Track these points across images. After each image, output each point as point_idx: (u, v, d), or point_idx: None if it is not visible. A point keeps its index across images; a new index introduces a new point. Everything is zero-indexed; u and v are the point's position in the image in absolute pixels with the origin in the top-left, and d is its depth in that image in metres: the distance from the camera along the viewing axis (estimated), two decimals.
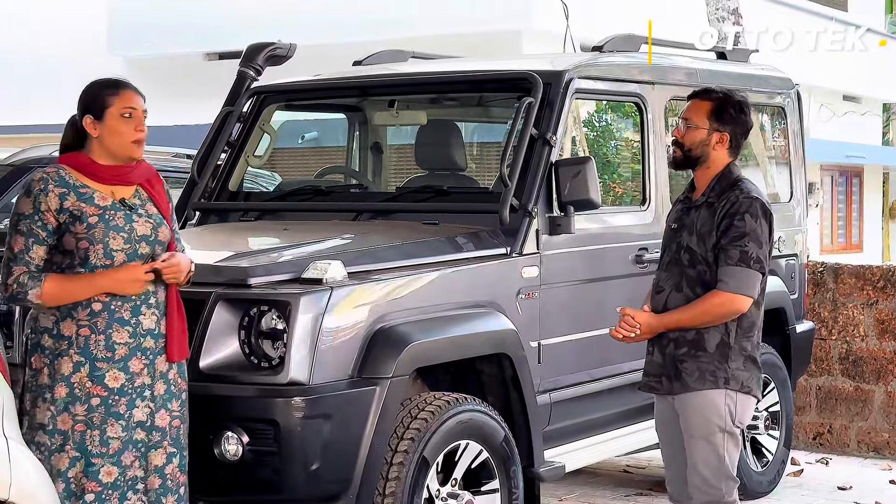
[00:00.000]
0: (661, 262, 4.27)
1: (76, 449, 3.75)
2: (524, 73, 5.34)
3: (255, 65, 5.97)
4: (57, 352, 3.78)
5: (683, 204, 4.28)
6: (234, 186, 5.93)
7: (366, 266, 4.52)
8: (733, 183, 4.18)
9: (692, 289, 4.12)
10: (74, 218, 3.77)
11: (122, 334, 3.79)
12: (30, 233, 3.77)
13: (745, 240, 4.06)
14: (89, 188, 3.84)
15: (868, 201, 24.59)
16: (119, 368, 3.78)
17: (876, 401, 7.59)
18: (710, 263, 4.11)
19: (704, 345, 4.11)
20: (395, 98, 6.08)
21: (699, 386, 4.11)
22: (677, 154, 4.23)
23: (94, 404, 3.76)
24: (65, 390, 3.76)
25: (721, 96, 4.21)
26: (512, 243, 4.97)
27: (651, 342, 4.23)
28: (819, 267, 7.74)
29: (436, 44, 8.61)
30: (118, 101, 3.85)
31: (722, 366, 4.11)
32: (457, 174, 5.77)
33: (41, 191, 3.79)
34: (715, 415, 4.11)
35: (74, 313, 3.78)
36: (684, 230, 4.18)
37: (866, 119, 23.45)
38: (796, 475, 6.98)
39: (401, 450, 4.37)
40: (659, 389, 4.23)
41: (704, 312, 4.09)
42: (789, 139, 6.97)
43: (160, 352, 3.85)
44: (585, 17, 12.88)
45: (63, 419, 3.76)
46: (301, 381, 4.13)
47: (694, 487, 4.19)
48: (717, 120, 4.17)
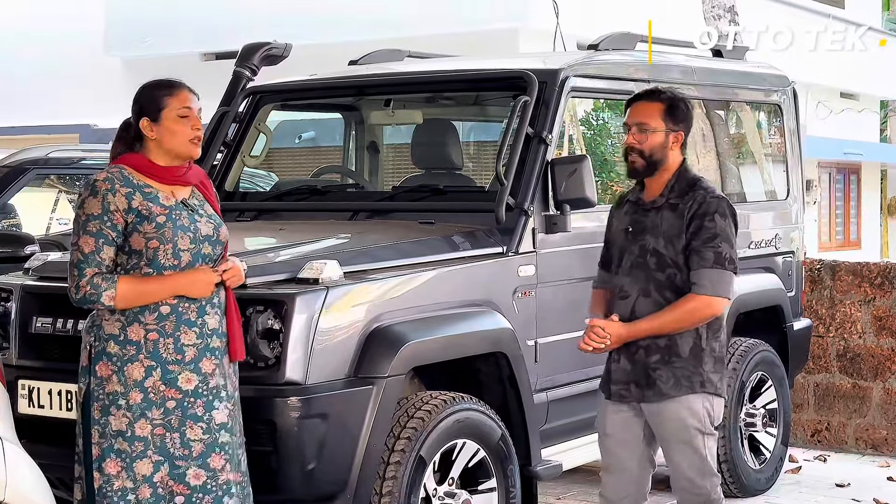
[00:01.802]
0: (622, 267, 4.12)
1: (158, 453, 3.73)
2: (520, 72, 5.33)
3: (250, 65, 5.97)
4: (126, 358, 3.74)
5: (634, 206, 4.15)
6: (231, 186, 5.93)
7: (362, 265, 4.51)
8: (693, 182, 4.09)
9: (661, 293, 4.03)
10: (143, 218, 3.74)
11: (189, 336, 3.77)
12: (99, 233, 3.72)
13: (718, 241, 3.99)
14: (153, 188, 3.81)
15: (866, 198, 24.61)
16: (191, 370, 3.76)
17: (874, 398, 7.59)
18: (679, 266, 4.02)
19: (678, 350, 4.04)
20: (391, 97, 6.08)
21: (675, 392, 4.04)
22: (639, 163, 4.07)
23: (170, 407, 3.74)
24: (139, 396, 3.73)
25: (669, 95, 4.11)
26: (508, 242, 4.97)
27: (617, 350, 4.12)
28: (816, 264, 7.75)
29: (432, 43, 8.61)
30: (174, 102, 3.84)
31: (697, 370, 4.05)
32: (453, 173, 5.77)
33: (108, 190, 3.74)
34: (694, 419, 4.07)
35: (142, 318, 3.75)
36: (646, 233, 4.07)
37: (864, 116, 23.45)
38: (794, 472, 6.98)
39: (397, 449, 4.37)
40: (627, 397, 4.13)
41: (680, 319, 4.01)
42: (786, 136, 6.98)
43: (224, 351, 3.85)
44: (582, 16, 12.90)
45: (141, 425, 3.72)
46: (297, 380, 4.13)
47: (681, 490, 4.17)
48: (672, 120, 4.07)
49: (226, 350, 3.86)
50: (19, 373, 4.48)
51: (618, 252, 4.17)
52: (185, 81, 3.94)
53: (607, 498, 4.29)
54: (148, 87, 3.90)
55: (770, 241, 6.68)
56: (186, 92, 3.88)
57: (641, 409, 4.14)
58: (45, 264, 4.77)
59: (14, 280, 4.77)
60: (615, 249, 4.19)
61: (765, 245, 6.63)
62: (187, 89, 3.90)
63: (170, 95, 3.85)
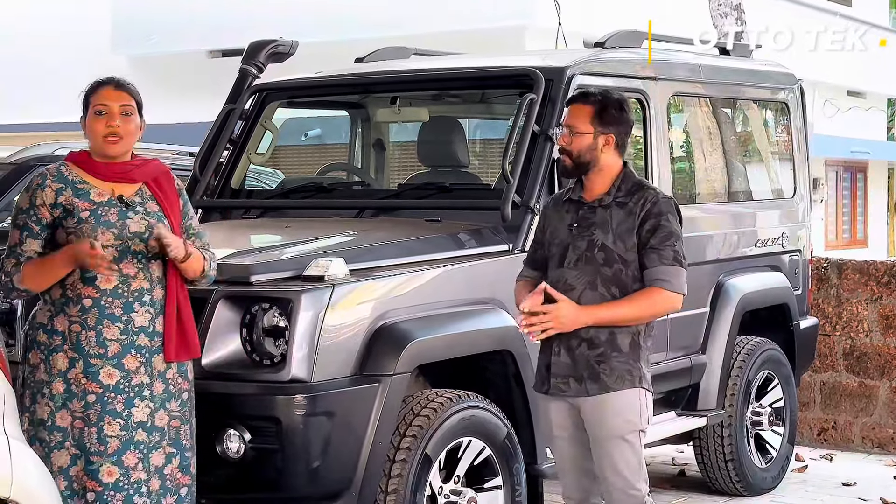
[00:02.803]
0: (566, 260, 4.12)
1: (75, 446, 3.75)
2: (526, 70, 5.33)
3: (257, 62, 5.97)
4: (51, 347, 3.79)
5: (577, 204, 4.17)
6: (237, 184, 5.93)
7: (368, 263, 4.51)
8: (640, 183, 4.15)
9: (607, 287, 4.05)
10: (67, 213, 3.80)
11: (113, 331, 3.78)
12: (24, 227, 3.81)
13: (674, 239, 4.05)
14: (88, 184, 3.85)
15: (873, 197, 24.57)
16: (113, 365, 3.78)
17: (880, 396, 7.57)
18: (627, 262, 4.05)
19: (618, 344, 4.05)
20: (397, 95, 6.08)
21: (618, 386, 4.04)
22: (567, 162, 4.14)
23: (91, 401, 3.76)
24: (62, 386, 3.77)
25: (600, 98, 4.15)
26: (514, 240, 4.97)
27: (557, 343, 4.10)
28: (823, 262, 7.73)
29: (438, 41, 8.60)
30: (93, 99, 3.89)
31: (636, 365, 4.07)
32: (459, 171, 5.76)
33: (38, 186, 3.83)
34: (633, 414, 4.06)
35: (67, 309, 3.79)
36: (594, 228, 4.09)
37: (871, 114, 23.42)
38: (800, 471, 6.97)
39: (403, 447, 4.37)
40: (566, 391, 4.11)
41: (642, 310, 4.02)
42: (793, 135, 6.96)
43: (157, 350, 3.85)
44: (589, 14, 12.90)
45: (62, 415, 3.76)
46: (303, 378, 4.12)
47: (615, 490, 4.10)
48: (601, 123, 4.10)
49: (158, 349, 3.85)
50: None
51: (560, 248, 4.17)
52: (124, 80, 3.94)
53: (570, 497, 4.26)
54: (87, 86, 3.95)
55: (777, 239, 6.67)
56: (105, 89, 3.90)
57: (577, 405, 4.11)
58: None
59: None
60: (555, 246, 4.19)
61: (771, 243, 6.62)
62: (112, 86, 3.90)
63: (91, 94, 3.91)
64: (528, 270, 4.31)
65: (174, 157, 7.42)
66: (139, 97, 3.96)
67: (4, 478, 3.34)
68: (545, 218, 4.31)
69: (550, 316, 3.99)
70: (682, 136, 6.53)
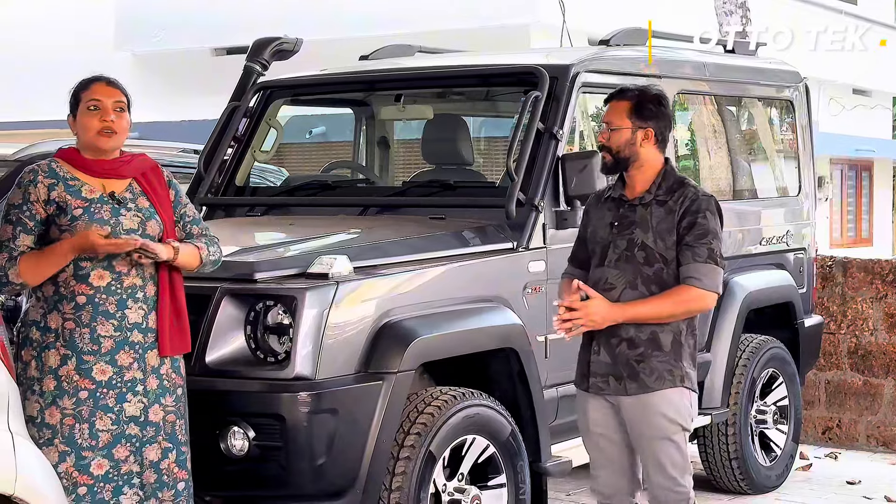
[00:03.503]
0: (607, 260, 4.14)
1: (65, 443, 3.75)
2: (530, 68, 5.32)
3: (261, 59, 5.97)
4: (44, 344, 3.79)
5: (618, 202, 4.18)
6: (241, 181, 5.93)
7: (372, 261, 4.51)
8: (681, 180, 4.15)
9: (647, 286, 4.06)
10: (60, 210, 3.80)
11: (107, 327, 3.79)
12: (18, 222, 3.80)
13: (710, 237, 4.04)
14: (79, 181, 3.86)
15: (878, 195, 24.53)
16: (106, 361, 3.78)
17: (885, 395, 7.56)
18: (667, 261, 4.06)
19: (660, 344, 4.06)
20: (401, 93, 6.07)
21: (658, 386, 4.05)
22: (607, 158, 4.16)
23: (83, 397, 3.76)
24: (53, 383, 3.77)
25: (637, 93, 4.17)
26: (518, 237, 4.96)
27: (597, 341, 4.12)
28: (828, 261, 7.72)
29: (443, 38, 8.60)
30: (85, 95, 3.89)
31: (677, 364, 4.08)
32: (463, 168, 5.76)
33: (30, 181, 3.82)
34: (676, 414, 4.07)
35: (60, 306, 3.79)
36: (634, 227, 4.10)
37: (876, 112, 23.38)
38: (805, 470, 6.96)
39: (407, 444, 4.37)
40: (605, 390, 4.13)
41: (674, 308, 4.03)
42: (798, 133, 6.96)
43: (150, 346, 3.85)
44: (593, 12, 12.88)
45: (51, 412, 3.76)
46: (307, 375, 4.12)
47: (661, 489, 4.13)
48: (639, 117, 4.11)
49: (152, 345, 3.85)
50: None
51: (600, 247, 4.18)
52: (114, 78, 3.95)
53: (601, 493, 4.28)
54: (75, 84, 3.95)
55: (782, 237, 6.66)
56: (99, 85, 3.91)
57: (617, 403, 4.13)
58: None
59: None
60: (596, 244, 4.20)
61: (776, 241, 6.62)
62: (104, 83, 3.92)
63: (84, 90, 3.91)
64: (572, 268, 4.33)
65: (178, 155, 7.42)
66: (129, 95, 3.97)
67: (8, 474, 3.34)
68: (587, 215, 4.32)
69: (581, 312, 4.01)
70: (687, 133, 6.53)
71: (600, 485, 4.27)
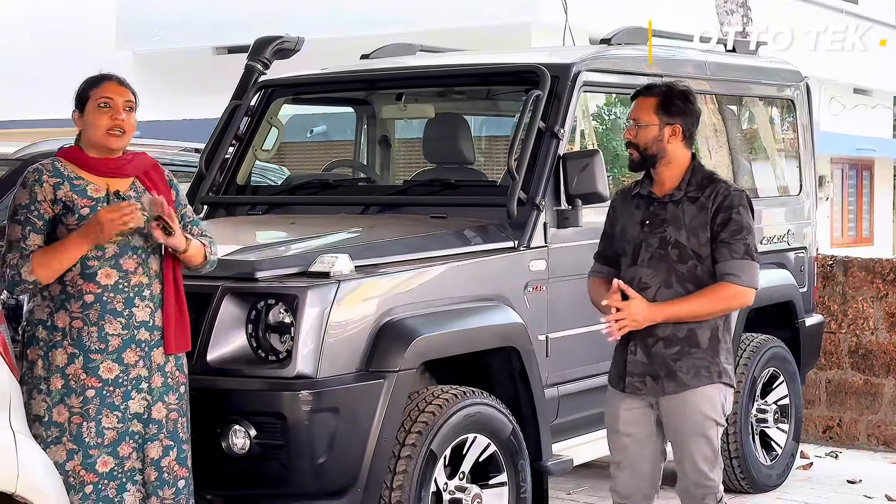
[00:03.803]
0: (639, 259, 4.12)
1: (73, 441, 3.76)
2: (532, 67, 5.32)
3: (262, 58, 5.97)
4: (51, 343, 3.79)
5: (647, 199, 4.16)
6: (242, 180, 5.93)
7: (373, 259, 4.51)
8: (710, 176, 4.14)
9: (682, 284, 4.05)
10: (67, 209, 3.80)
11: (114, 325, 3.79)
12: (27, 222, 3.79)
13: (745, 233, 4.04)
14: (83, 180, 3.86)
15: (878, 194, 24.52)
16: (113, 360, 3.79)
17: (886, 394, 7.57)
18: (701, 258, 4.05)
19: (697, 341, 4.06)
20: (402, 92, 6.07)
21: (696, 383, 4.06)
22: (634, 155, 4.14)
23: (90, 396, 3.77)
24: (60, 382, 3.77)
25: (664, 89, 4.16)
26: (520, 236, 4.96)
27: (634, 341, 4.12)
28: (829, 260, 7.72)
29: (444, 37, 8.60)
30: (95, 92, 3.89)
31: (714, 360, 4.08)
32: (465, 167, 5.76)
33: (36, 181, 3.82)
34: (711, 410, 4.08)
35: (68, 305, 3.79)
36: (666, 225, 4.09)
37: (877, 112, 23.37)
38: (805, 469, 6.97)
39: (408, 443, 4.37)
40: (643, 390, 4.13)
41: (715, 302, 4.02)
42: (799, 132, 6.96)
43: (156, 344, 3.86)
44: (594, 11, 12.88)
45: (59, 411, 3.76)
46: (308, 374, 4.12)
47: (692, 483, 4.15)
48: (666, 113, 4.10)
49: (158, 343, 3.87)
50: None
51: (632, 246, 4.17)
52: (124, 78, 3.95)
53: (619, 493, 4.27)
54: (82, 82, 3.94)
55: (782, 236, 6.66)
56: (110, 83, 3.90)
57: (654, 403, 4.13)
58: None
59: None
60: (627, 243, 4.19)
61: (777, 241, 6.61)
62: (114, 81, 3.92)
63: (94, 87, 3.90)
64: (600, 266, 4.32)
65: (179, 154, 7.43)
66: (137, 95, 3.97)
67: (10, 473, 3.35)
68: (614, 212, 4.30)
69: (624, 313, 4.01)
70: None
71: (619, 485, 4.26)
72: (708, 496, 4.16)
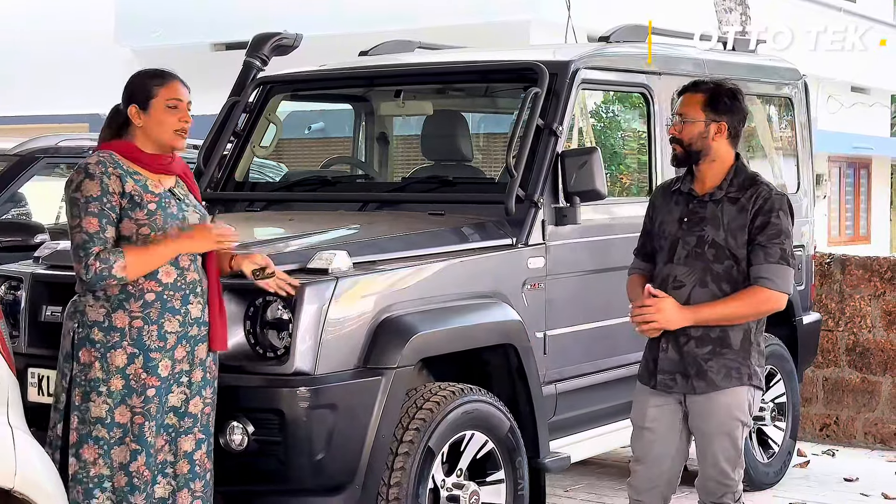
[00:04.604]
0: (675, 256, 4.11)
1: (136, 441, 3.75)
2: (530, 64, 5.32)
3: (261, 55, 5.97)
4: (109, 344, 3.76)
5: (688, 197, 4.14)
6: (240, 177, 5.93)
7: (371, 256, 4.51)
8: (753, 177, 4.11)
9: (718, 284, 4.03)
10: (135, 203, 3.77)
11: (173, 323, 3.80)
12: (102, 213, 3.73)
13: (783, 237, 4.01)
14: (142, 175, 3.84)
15: (876, 193, 24.54)
16: (169, 357, 3.80)
17: (883, 392, 7.57)
18: (738, 259, 4.02)
19: (730, 342, 4.04)
20: (401, 88, 6.07)
21: (726, 384, 4.04)
22: (678, 150, 4.13)
23: (150, 395, 3.77)
24: (120, 383, 3.76)
25: (712, 87, 4.14)
26: (518, 234, 4.97)
27: (665, 339, 4.10)
28: (826, 258, 7.73)
29: (443, 35, 8.59)
30: (164, 92, 3.87)
31: (745, 362, 4.06)
32: (463, 164, 5.76)
33: (103, 173, 3.76)
34: (739, 411, 4.07)
35: (126, 305, 3.77)
36: (705, 223, 4.06)
37: (874, 110, 23.39)
38: (802, 466, 6.97)
39: (406, 440, 4.37)
40: (673, 388, 4.11)
41: (745, 309, 4.00)
42: (796, 130, 6.96)
43: (202, 339, 3.88)
44: (594, 8, 12.87)
45: (121, 412, 3.76)
46: (306, 371, 4.13)
47: (712, 481, 4.16)
48: (713, 110, 4.09)
49: (203, 338, 3.88)
50: (29, 361, 4.48)
51: (669, 242, 4.14)
52: (179, 74, 3.95)
53: (635, 488, 4.26)
54: (140, 74, 3.93)
55: None
56: (177, 83, 3.91)
57: (682, 401, 4.13)
58: (55, 253, 4.78)
59: (24, 269, 4.78)
60: (664, 240, 4.16)
61: None
62: (179, 81, 3.92)
63: (160, 85, 3.88)
64: (639, 262, 4.31)
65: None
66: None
67: (8, 469, 3.34)
68: (654, 208, 4.28)
69: (653, 308, 3.99)
70: None
71: (636, 480, 4.25)
72: (727, 494, 4.17)
